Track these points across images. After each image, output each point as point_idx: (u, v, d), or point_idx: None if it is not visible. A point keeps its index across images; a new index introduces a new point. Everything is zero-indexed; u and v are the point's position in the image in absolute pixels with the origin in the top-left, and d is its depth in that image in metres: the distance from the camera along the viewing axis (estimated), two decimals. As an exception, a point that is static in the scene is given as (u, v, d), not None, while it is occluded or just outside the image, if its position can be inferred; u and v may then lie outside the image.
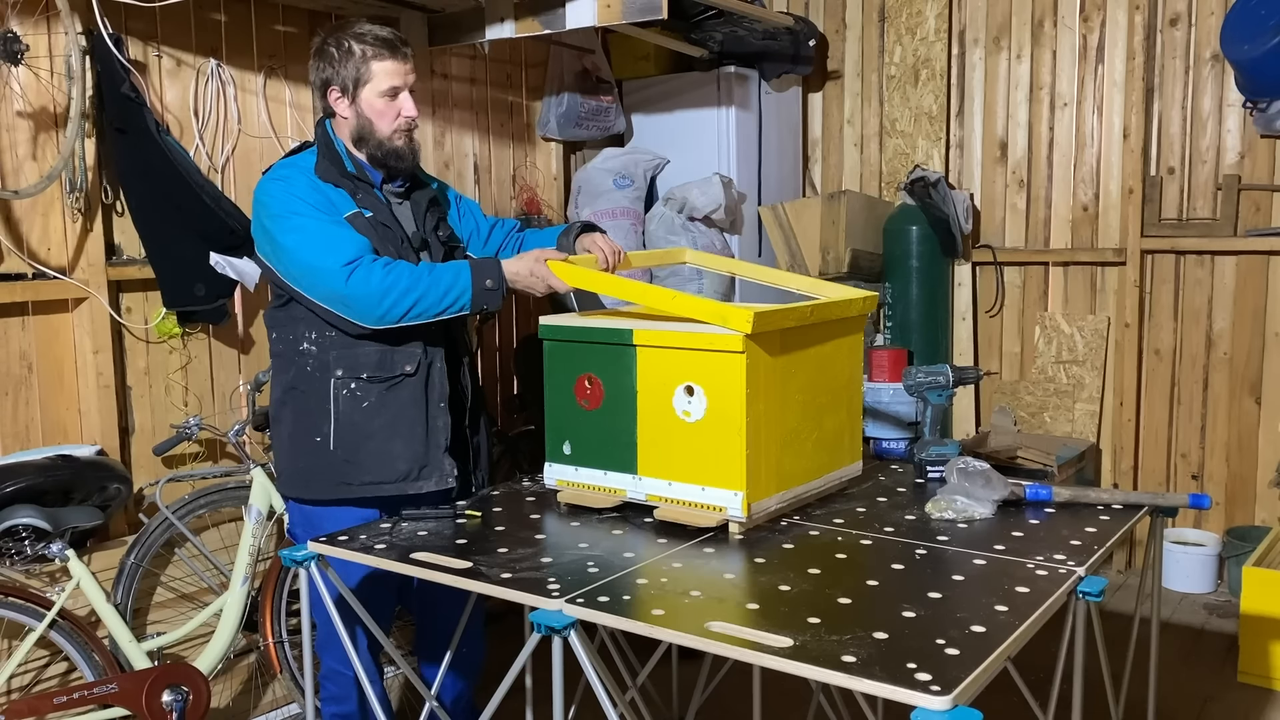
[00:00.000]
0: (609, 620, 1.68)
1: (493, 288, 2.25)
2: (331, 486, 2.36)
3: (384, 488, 2.34)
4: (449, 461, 2.37)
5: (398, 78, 2.34)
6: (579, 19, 3.39)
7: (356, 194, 2.35)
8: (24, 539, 2.63)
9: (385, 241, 2.32)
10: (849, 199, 4.54)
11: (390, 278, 2.19)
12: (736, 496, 2.05)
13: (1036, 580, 1.80)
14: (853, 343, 2.36)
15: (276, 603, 3.05)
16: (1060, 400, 4.56)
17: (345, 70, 2.33)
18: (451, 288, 2.23)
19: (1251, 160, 4.18)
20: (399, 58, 2.34)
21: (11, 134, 2.83)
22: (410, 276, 2.20)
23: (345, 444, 2.34)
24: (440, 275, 2.23)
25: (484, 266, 2.27)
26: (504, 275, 2.27)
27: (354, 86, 2.34)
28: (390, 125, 2.35)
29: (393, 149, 2.36)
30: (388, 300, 2.19)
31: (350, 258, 2.20)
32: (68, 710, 2.61)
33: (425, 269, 2.24)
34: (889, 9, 4.85)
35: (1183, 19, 4.28)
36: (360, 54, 2.32)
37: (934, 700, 1.36)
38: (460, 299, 2.24)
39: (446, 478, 2.36)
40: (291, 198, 2.28)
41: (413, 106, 2.37)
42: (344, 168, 2.36)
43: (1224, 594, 4.19)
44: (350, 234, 2.25)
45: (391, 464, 2.34)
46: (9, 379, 2.86)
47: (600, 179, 4.24)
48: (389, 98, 2.34)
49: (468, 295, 2.24)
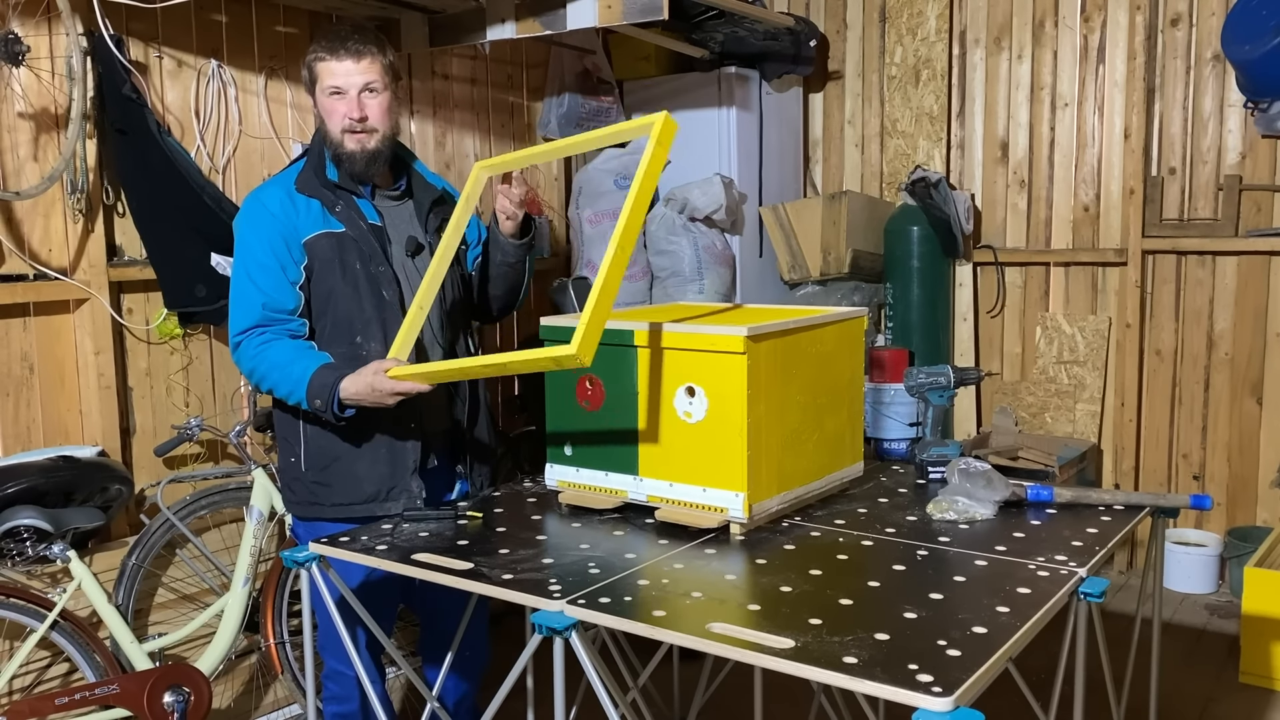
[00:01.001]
0: (610, 621, 1.68)
1: (320, 408, 2.20)
2: (307, 505, 2.39)
3: (354, 509, 2.34)
4: (417, 483, 2.35)
5: (338, 78, 2.29)
6: (580, 19, 3.39)
7: (335, 205, 2.33)
8: (25, 540, 2.63)
9: (353, 257, 2.31)
10: (850, 199, 4.54)
11: (256, 359, 2.27)
12: (738, 497, 2.05)
13: (1038, 581, 1.79)
14: (854, 343, 2.36)
15: (278, 603, 3.05)
16: (1061, 401, 4.55)
17: (308, 72, 2.35)
18: (292, 391, 2.24)
19: (1253, 160, 4.18)
20: (338, 57, 2.29)
21: (13, 135, 2.83)
22: (268, 363, 2.26)
23: (314, 466, 2.36)
24: (289, 374, 2.24)
25: (320, 386, 2.20)
26: (339, 398, 2.18)
27: (311, 87, 2.35)
28: (337, 126, 2.31)
29: (343, 151, 2.32)
30: (254, 378, 2.32)
31: (242, 328, 2.29)
32: (69, 711, 2.61)
33: (286, 359, 2.24)
34: (890, 9, 4.85)
35: (1184, 19, 4.27)
36: (313, 54, 2.33)
37: (935, 701, 1.36)
38: (300, 403, 2.26)
39: (415, 499, 2.35)
40: (242, 231, 2.33)
41: (356, 107, 2.29)
42: (326, 176, 2.34)
43: (1225, 594, 4.19)
44: (254, 298, 2.27)
45: (358, 486, 2.34)
46: (10, 380, 2.86)
47: (601, 179, 4.24)
48: (335, 97, 2.30)
49: (304, 403, 2.24)
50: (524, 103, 4.34)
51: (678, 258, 4.17)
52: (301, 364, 2.23)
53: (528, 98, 4.35)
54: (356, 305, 2.32)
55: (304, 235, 2.30)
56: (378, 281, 2.33)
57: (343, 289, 2.31)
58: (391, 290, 2.34)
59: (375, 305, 2.32)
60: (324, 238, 2.30)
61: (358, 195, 2.36)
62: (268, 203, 2.31)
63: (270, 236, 2.28)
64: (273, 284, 2.28)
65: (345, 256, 2.31)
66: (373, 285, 2.32)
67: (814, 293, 4.60)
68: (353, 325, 2.32)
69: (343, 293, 2.31)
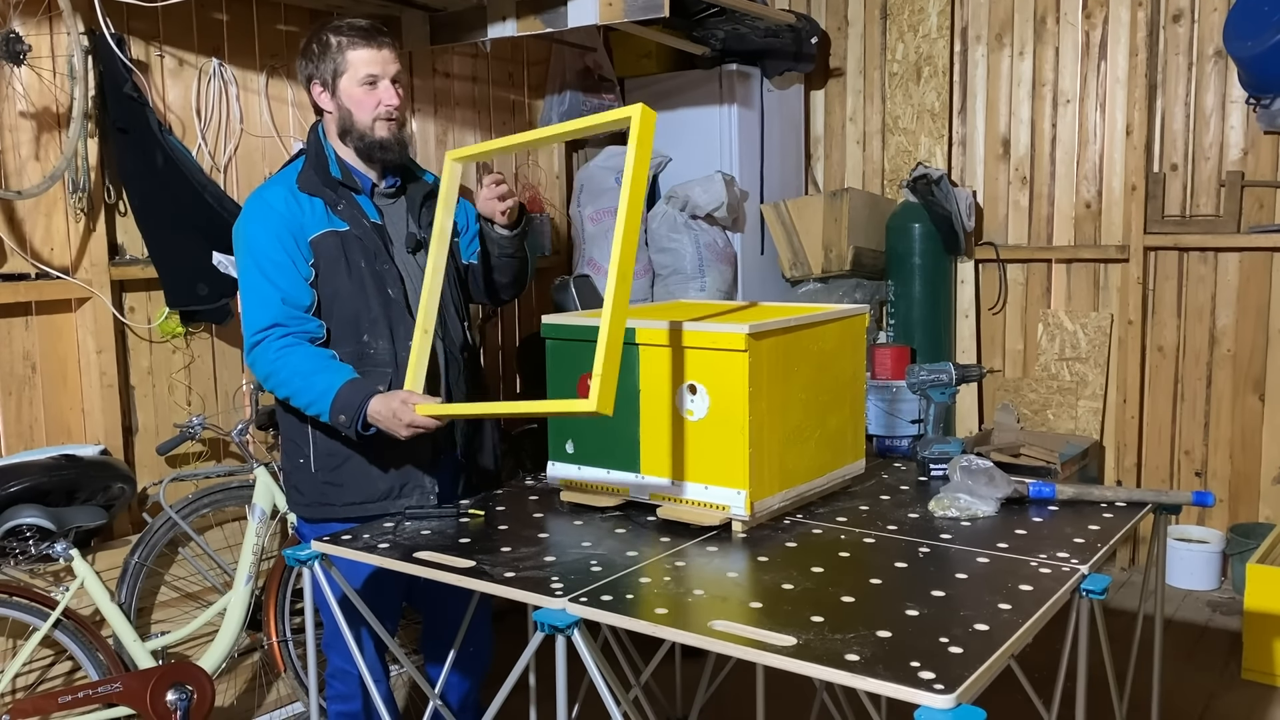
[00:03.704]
0: (612, 619, 1.68)
1: (345, 424, 2.18)
2: (317, 507, 2.37)
3: (367, 507, 2.33)
4: (429, 479, 2.36)
5: (375, 65, 2.31)
6: (581, 17, 3.39)
7: (337, 204, 2.32)
8: (28, 539, 2.63)
9: (358, 256, 2.31)
10: (851, 197, 4.53)
11: (276, 363, 2.23)
12: (739, 495, 2.05)
13: (1040, 578, 1.79)
14: (855, 341, 2.36)
15: (280, 602, 3.05)
16: (1063, 397, 4.55)
17: (324, 64, 2.33)
18: (314, 402, 2.20)
19: (1255, 157, 4.18)
20: (375, 45, 2.31)
21: (14, 134, 2.83)
22: (289, 369, 2.22)
23: (324, 466, 2.34)
24: (313, 384, 2.20)
25: (349, 400, 2.17)
26: (365, 415, 2.16)
27: (333, 79, 2.33)
28: (370, 115, 2.31)
29: (375, 140, 2.33)
30: (270, 383, 2.27)
31: (260, 327, 2.25)
32: (72, 709, 2.61)
33: (309, 369, 2.21)
34: (891, 6, 4.84)
35: (1185, 15, 4.27)
36: (336, 45, 2.31)
37: (937, 699, 1.36)
38: (320, 414, 2.22)
39: (428, 494, 2.35)
40: (250, 230, 2.29)
41: (393, 95, 2.33)
42: (328, 174, 2.33)
43: (1228, 591, 4.19)
44: (272, 295, 2.24)
45: (371, 484, 2.33)
46: (13, 379, 2.87)
47: (602, 177, 4.24)
48: (368, 86, 2.31)
49: (325, 415, 2.20)
50: (525, 100, 4.33)
51: (679, 255, 4.17)
52: (326, 377, 2.20)
53: (529, 95, 4.35)
54: (363, 303, 2.31)
55: (310, 233, 2.29)
56: (383, 279, 2.33)
57: (349, 287, 2.31)
58: (396, 288, 2.34)
59: (382, 303, 2.32)
60: (329, 236, 2.30)
61: (358, 193, 2.36)
62: (272, 201, 2.30)
63: (280, 233, 2.27)
64: (288, 280, 2.26)
65: (350, 255, 2.31)
66: (378, 283, 2.32)
67: (815, 290, 4.60)
68: (359, 324, 2.32)
69: (349, 291, 2.31)
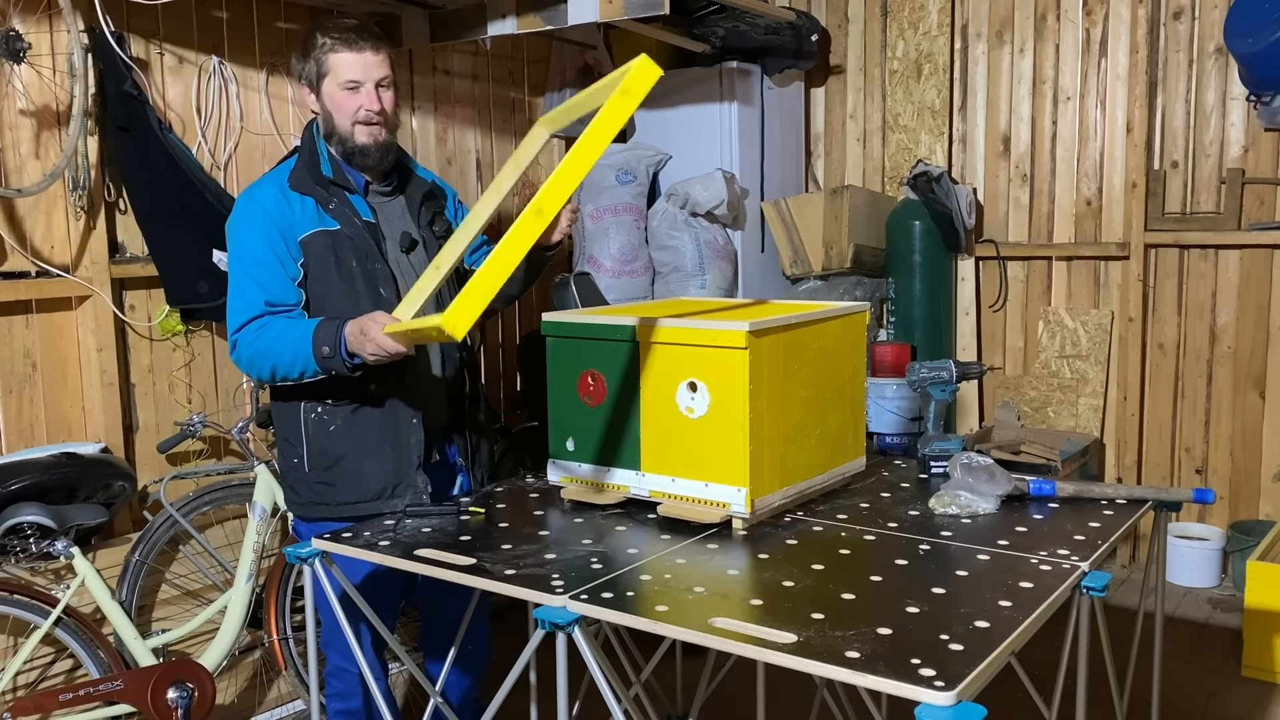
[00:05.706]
0: (613, 616, 1.68)
1: (329, 354, 2.12)
2: (312, 506, 2.37)
3: (360, 507, 2.32)
4: (422, 478, 2.35)
5: (356, 70, 2.27)
6: (581, 15, 3.39)
7: (329, 203, 2.30)
8: (29, 536, 2.63)
9: (349, 255, 2.29)
10: (851, 194, 4.53)
11: (255, 344, 2.21)
12: (740, 492, 2.05)
13: (1040, 575, 1.79)
14: (855, 338, 2.36)
15: (281, 599, 3.05)
16: (1064, 395, 4.55)
17: (309, 64, 2.31)
18: (298, 355, 2.17)
19: (1255, 154, 4.18)
20: (358, 49, 2.27)
21: (14, 132, 2.83)
22: (265, 342, 2.19)
23: (318, 466, 2.34)
24: (291, 337, 2.17)
25: (328, 332, 2.13)
26: (344, 336, 2.11)
27: (317, 80, 2.30)
28: (349, 119, 2.29)
29: (355, 145, 2.30)
30: (255, 365, 2.23)
31: (241, 322, 2.23)
32: (73, 707, 2.62)
33: (285, 330, 2.18)
34: (891, 3, 4.84)
35: (1186, 12, 4.26)
36: (321, 46, 2.28)
37: (938, 696, 1.36)
38: (307, 365, 2.18)
39: (420, 494, 2.34)
40: (241, 229, 2.28)
41: (374, 100, 2.28)
42: (320, 173, 2.31)
43: (1228, 588, 4.19)
44: (254, 294, 2.22)
45: (364, 484, 2.33)
46: (13, 377, 2.87)
47: (603, 175, 4.24)
48: (349, 90, 2.28)
49: (311, 363, 2.16)
50: (525, 98, 4.33)
51: (679, 253, 4.17)
52: (303, 324, 2.18)
53: (529, 93, 4.35)
54: (354, 303, 2.28)
55: (300, 233, 2.27)
56: (374, 279, 2.31)
57: (339, 287, 2.29)
58: (389, 288, 2.32)
59: (373, 303, 2.28)
60: (319, 236, 2.28)
61: (351, 192, 2.34)
62: (262, 200, 2.28)
63: (268, 233, 2.25)
64: (274, 280, 2.24)
65: (341, 254, 2.29)
66: (369, 283, 2.30)
67: (816, 287, 4.60)
68: None
69: (339, 291, 2.29)
